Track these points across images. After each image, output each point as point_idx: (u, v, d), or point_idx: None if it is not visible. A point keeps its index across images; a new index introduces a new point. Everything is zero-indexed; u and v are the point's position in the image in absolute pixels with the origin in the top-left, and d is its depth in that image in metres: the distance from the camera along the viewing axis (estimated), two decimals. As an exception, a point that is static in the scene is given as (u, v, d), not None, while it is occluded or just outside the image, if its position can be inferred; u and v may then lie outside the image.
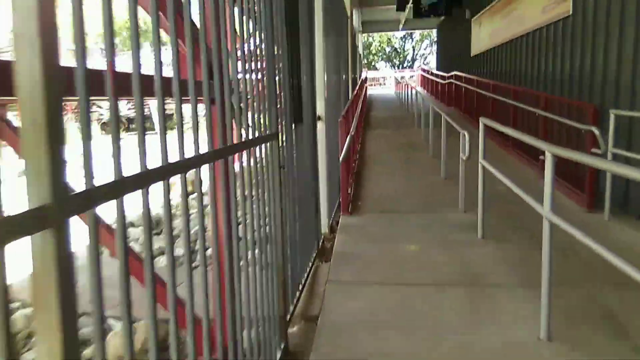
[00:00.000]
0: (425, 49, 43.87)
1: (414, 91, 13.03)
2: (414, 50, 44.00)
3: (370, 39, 43.43)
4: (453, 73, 13.99)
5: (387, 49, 44.31)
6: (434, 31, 38.44)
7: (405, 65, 42.89)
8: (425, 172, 7.11)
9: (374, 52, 44.14)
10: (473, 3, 13.64)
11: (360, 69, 21.73)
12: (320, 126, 4.63)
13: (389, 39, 43.64)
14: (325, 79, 5.20)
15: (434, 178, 6.75)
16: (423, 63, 39.39)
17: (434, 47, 42.70)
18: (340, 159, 5.01)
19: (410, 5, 15.43)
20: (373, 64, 43.72)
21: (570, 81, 6.64)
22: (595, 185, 5.25)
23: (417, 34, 42.73)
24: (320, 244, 4.67)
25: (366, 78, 19.17)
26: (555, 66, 7.21)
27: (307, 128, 3.92)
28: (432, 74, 18.80)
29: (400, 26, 21.82)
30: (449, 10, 15.25)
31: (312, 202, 4.15)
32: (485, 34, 12.01)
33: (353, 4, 15.50)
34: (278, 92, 2.69)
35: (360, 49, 23.91)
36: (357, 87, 10.39)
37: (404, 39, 43.87)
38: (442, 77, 15.76)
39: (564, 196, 5.69)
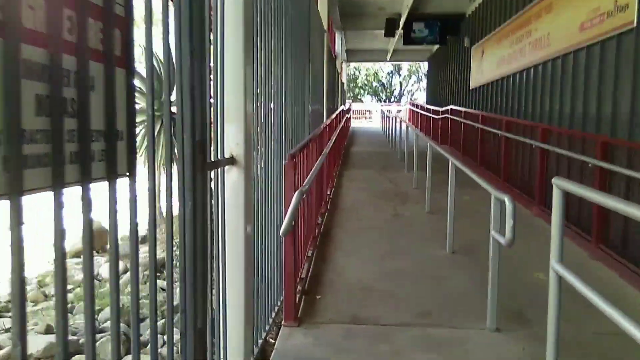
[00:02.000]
0: (412, 85, 42.69)
1: (403, 126, 11.04)
2: (401, 85, 42.76)
3: (357, 73, 42.13)
4: (449, 107, 12.09)
5: (374, 83, 43.02)
6: (423, 65, 37.34)
7: (392, 100, 41.51)
8: (423, 240, 4.94)
9: (360, 85, 42.77)
10: (473, 30, 11.89)
11: (343, 99, 19.85)
12: (236, 174, 2.44)
13: (376, 73, 42.38)
14: (260, 103, 3.08)
15: (437, 251, 4.57)
16: (411, 99, 38.01)
17: (422, 84, 41.68)
18: (282, 230, 2.81)
19: (400, 31, 13.65)
20: (359, 97, 42.27)
21: (633, 117, 4.63)
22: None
23: (405, 69, 41.60)
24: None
25: (349, 109, 17.24)
26: (603, 99, 5.22)
27: (184, 177, 1.77)
28: (422, 108, 16.98)
29: (388, 56, 20.14)
30: (444, 38, 13.51)
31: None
32: (490, 63, 10.16)
33: (335, 26, 13.70)
34: None
35: (344, 78, 22.13)
36: (334, 118, 8.28)
37: (391, 74, 42.68)
38: (435, 112, 13.87)
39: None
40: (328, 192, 6.66)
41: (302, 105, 5.61)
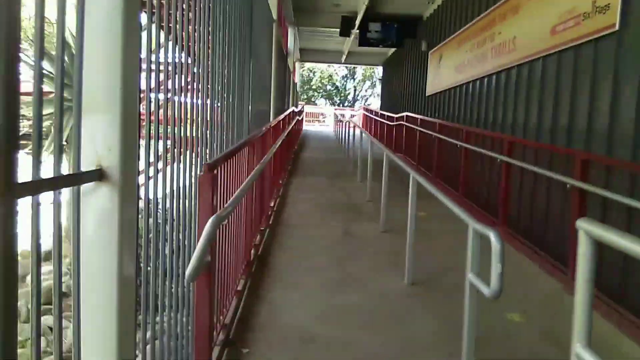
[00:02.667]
0: (366, 91, 42.54)
1: (357, 132, 10.39)
2: (355, 90, 42.50)
3: (311, 75, 41.47)
4: (404, 114, 11.56)
5: (328, 87, 42.52)
6: (378, 71, 37.22)
7: (345, 104, 41.15)
8: (377, 267, 4.21)
9: (314, 87, 42.13)
10: (430, 33, 11.44)
11: (295, 100, 19.05)
12: (106, 195, 1.59)
13: (330, 76, 41.89)
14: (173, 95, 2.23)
15: (394, 282, 3.86)
16: (364, 104, 37.76)
17: (376, 90, 41.57)
18: (187, 275, 1.96)
19: (355, 30, 13.02)
20: (313, 99, 41.63)
21: (612, 129, 4.11)
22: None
23: (359, 74, 41.35)
24: None
25: (301, 111, 16.46)
26: (577, 106, 4.71)
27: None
28: (376, 114, 16.46)
29: (343, 58, 19.55)
30: (400, 41, 13.01)
31: None
32: (448, 68, 9.69)
33: (288, 20, 12.90)
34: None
35: (297, 78, 21.34)
36: (281, 120, 7.45)
37: (345, 78, 42.34)
38: (390, 119, 13.34)
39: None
40: (272, 204, 5.84)
41: (241, 103, 4.77)
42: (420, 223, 4.96)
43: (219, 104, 3.75)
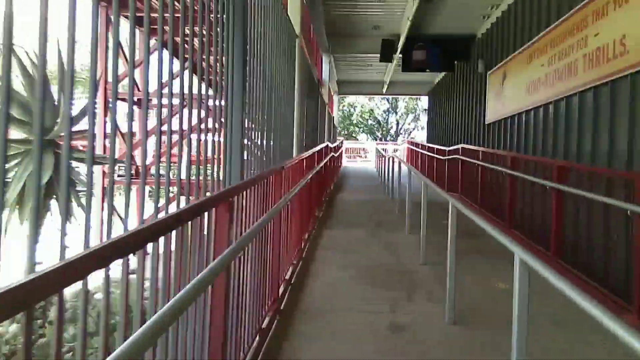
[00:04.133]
0: (409, 124, 40.78)
1: (403, 169, 8.66)
2: (397, 123, 40.83)
3: (352, 110, 40.25)
4: (458, 146, 9.75)
5: (370, 121, 41.09)
6: (421, 103, 35.49)
7: (388, 138, 39.45)
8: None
9: (355, 122, 40.80)
10: (488, 52, 9.71)
11: (333, 134, 17.55)
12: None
13: (372, 110, 40.49)
14: None
15: None
16: (408, 137, 35.94)
17: (420, 122, 39.74)
18: None
19: (398, 55, 11.47)
20: (354, 135, 40.21)
21: None
22: None
23: (401, 107, 39.78)
24: None
25: (339, 147, 14.90)
26: None
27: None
28: (423, 147, 14.67)
29: (384, 88, 17.99)
30: (450, 64, 11.33)
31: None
32: (515, 89, 7.89)
33: (322, 48, 11.54)
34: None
35: (334, 111, 19.90)
36: (306, 157, 5.76)
37: (387, 112, 40.83)
38: (440, 152, 11.54)
39: None
40: (287, 277, 4.16)
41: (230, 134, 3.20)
42: (502, 299, 3.19)
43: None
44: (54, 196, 6.14)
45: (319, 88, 11.23)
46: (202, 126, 2.85)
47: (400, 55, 11.41)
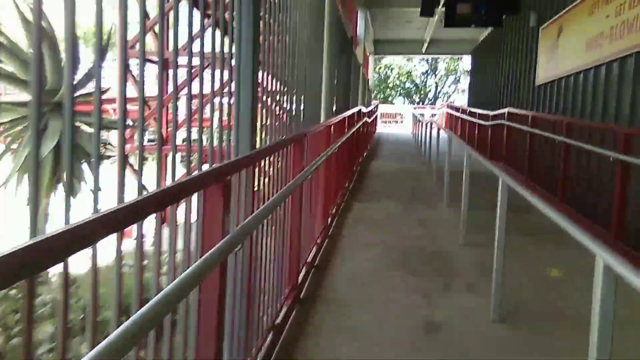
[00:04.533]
0: (449, 87, 39.03)
1: (442, 134, 8.00)
2: (436, 86, 39.14)
3: (389, 72, 38.78)
4: (504, 110, 8.94)
5: (407, 84, 39.54)
6: (463, 65, 33.76)
7: (425, 102, 37.97)
8: None
9: (391, 85, 39.38)
10: (543, 3, 8.69)
11: (368, 98, 16.78)
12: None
13: (409, 73, 38.89)
14: None
15: None
16: (447, 101, 34.43)
17: (460, 85, 37.98)
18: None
19: (441, 9, 10.53)
20: (390, 98, 38.90)
21: None
22: None
23: (441, 68, 38.02)
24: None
25: (373, 112, 14.17)
26: None
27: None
28: (464, 111, 13.76)
29: (424, 48, 16.93)
30: (497, 17, 10.31)
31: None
32: (572, 46, 6.99)
33: (358, 1, 10.72)
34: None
35: (370, 73, 19.00)
36: (335, 123, 5.21)
37: (426, 74, 39.13)
38: (483, 117, 10.70)
39: None
40: (309, 259, 3.72)
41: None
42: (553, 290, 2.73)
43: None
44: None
45: (352, 47, 10.49)
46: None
47: (443, 9, 10.47)
